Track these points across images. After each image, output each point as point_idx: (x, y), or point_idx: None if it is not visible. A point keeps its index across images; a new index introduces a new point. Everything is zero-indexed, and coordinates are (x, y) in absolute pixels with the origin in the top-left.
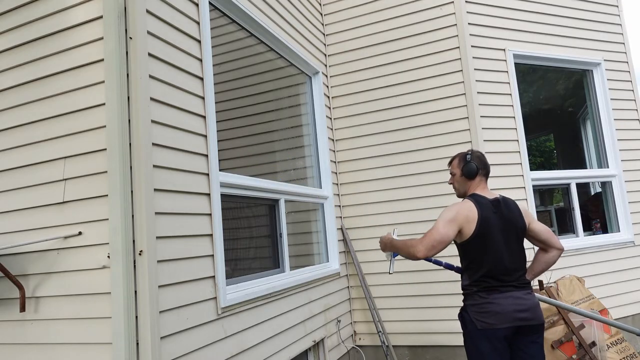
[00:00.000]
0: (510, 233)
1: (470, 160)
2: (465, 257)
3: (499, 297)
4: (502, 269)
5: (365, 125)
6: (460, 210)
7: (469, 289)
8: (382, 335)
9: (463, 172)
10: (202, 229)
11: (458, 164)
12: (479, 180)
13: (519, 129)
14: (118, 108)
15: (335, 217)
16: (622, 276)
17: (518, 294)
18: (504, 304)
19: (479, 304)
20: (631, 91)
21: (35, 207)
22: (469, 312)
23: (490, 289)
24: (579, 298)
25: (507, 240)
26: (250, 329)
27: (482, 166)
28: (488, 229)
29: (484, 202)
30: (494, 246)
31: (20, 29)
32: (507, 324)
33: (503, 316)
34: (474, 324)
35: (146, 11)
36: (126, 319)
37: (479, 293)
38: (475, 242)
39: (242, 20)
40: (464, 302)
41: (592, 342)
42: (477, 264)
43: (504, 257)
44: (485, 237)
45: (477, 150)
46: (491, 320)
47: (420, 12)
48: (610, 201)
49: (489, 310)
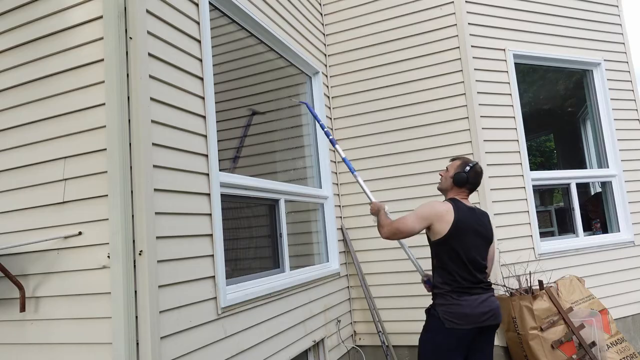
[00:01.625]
0: (481, 239)
1: (467, 172)
2: (438, 256)
3: (469, 300)
4: (472, 272)
5: (365, 125)
6: (437, 209)
7: (441, 288)
8: (382, 335)
9: (454, 177)
10: (202, 229)
11: (457, 167)
12: (462, 190)
13: (519, 129)
14: (118, 108)
15: (335, 217)
16: (622, 276)
17: (485, 297)
18: (473, 306)
19: (450, 304)
20: (631, 91)
21: (35, 207)
22: (438, 310)
23: (461, 291)
24: (579, 298)
25: (478, 245)
26: (250, 329)
27: (473, 182)
28: (462, 230)
29: (462, 207)
30: (466, 248)
31: (20, 29)
32: (473, 324)
33: (471, 318)
34: (441, 322)
35: (146, 11)
36: (126, 319)
37: (451, 294)
38: (449, 242)
39: (242, 20)
40: (434, 301)
41: (592, 342)
42: (450, 264)
43: (475, 260)
44: (458, 238)
45: (479, 166)
46: (460, 321)
47: (420, 12)
48: (610, 201)
49: (459, 311)
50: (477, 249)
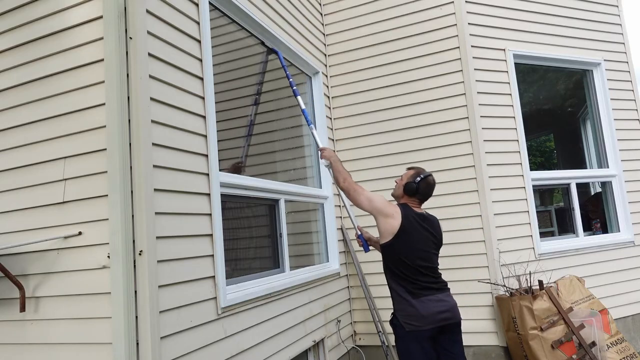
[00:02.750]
0: (430, 241)
1: (418, 182)
2: (389, 259)
3: (423, 301)
4: (422, 272)
5: (365, 125)
6: (385, 205)
7: (396, 290)
8: (382, 335)
9: (405, 186)
10: (202, 229)
11: (409, 176)
12: (413, 199)
13: (519, 129)
14: (118, 108)
15: (335, 217)
16: (622, 276)
17: (440, 296)
18: (428, 307)
19: (406, 307)
20: (631, 91)
21: (35, 207)
22: (398, 316)
23: (414, 293)
24: (578, 298)
25: (427, 246)
26: (250, 329)
27: (423, 192)
28: (409, 232)
29: (409, 211)
30: (414, 249)
31: (20, 29)
32: (431, 325)
33: (427, 318)
34: (402, 327)
35: (146, 11)
36: (126, 319)
37: (405, 297)
38: (396, 245)
39: (242, 20)
40: (394, 307)
41: (592, 342)
42: (400, 266)
43: (425, 260)
44: (405, 239)
45: (433, 178)
46: (417, 322)
47: (420, 12)
48: (610, 201)
49: (415, 313)
50: (426, 250)
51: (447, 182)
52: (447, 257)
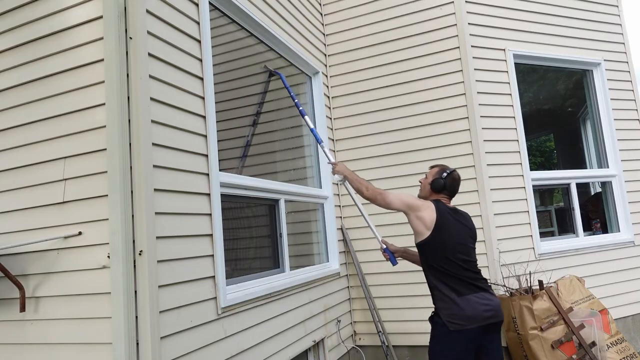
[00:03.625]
0: (467, 236)
1: (444, 178)
2: (427, 257)
3: (469, 299)
4: (465, 267)
5: (365, 125)
6: (417, 201)
7: (438, 288)
8: (382, 335)
9: (432, 183)
10: (202, 229)
11: (435, 173)
12: (441, 196)
13: (519, 129)
14: (118, 108)
15: (335, 217)
16: (622, 276)
17: (485, 295)
18: (474, 306)
19: (450, 306)
20: (631, 91)
21: (35, 207)
22: (441, 315)
23: (459, 291)
24: (579, 298)
25: (465, 239)
26: (250, 329)
27: (450, 188)
28: (447, 227)
29: (442, 206)
30: (453, 245)
31: (20, 29)
32: (477, 324)
33: (474, 317)
34: (446, 326)
35: (146, 11)
36: (126, 319)
37: (449, 295)
38: (435, 240)
39: (242, 20)
40: (436, 305)
41: (592, 342)
42: (440, 262)
43: (465, 254)
44: (443, 234)
45: (458, 173)
46: (464, 321)
47: (420, 12)
48: (610, 201)
49: (460, 312)
50: (464, 244)
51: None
52: None
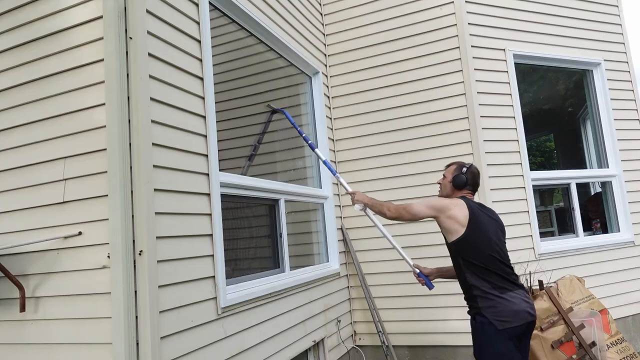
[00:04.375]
0: (499, 231)
1: (465, 173)
2: (463, 256)
3: (513, 296)
4: (502, 266)
5: (366, 125)
6: (445, 202)
7: (479, 287)
8: (382, 335)
9: (453, 180)
10: (202, 229)
11: (453, 170)
12: (464, 192)
13: (519, 129)
14: (118, 108)
15: (335, 217)
16: (622, 276)
17: (523, 293)
18: (519, 302)
19: (496, 304)
20: (631, 91)
21: (35, 207)
22: (486, 314)
23: (502, 287)
24: (579, 298)
25: (498, 236)
26: (250, 329)
27: (472, 182)
28: (479, 225)
29: (471, 202)
30: (489, 241)
31: (20, 29)
32: (522, 321)
33: (521, 314)
34: (493, 325)
35: (146, 11)
36: (126, 319)
37: (493, 292)
38: (470, 236)
39: (242, 20)
40: (477, 305)
41: (592, 342)
42: (478, 259)
43: (500, 254)
44: (478, 230)
45: (476, 167)
46: (510, 318)
47: (420, 12)
48: (610, 201)
49: (507, 309)
50: (499, 240)
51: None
52: (447, 257)
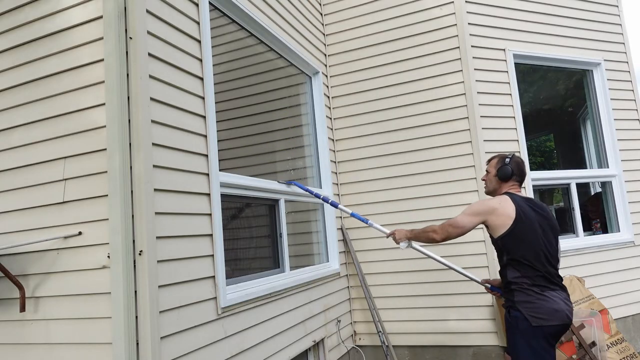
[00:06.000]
0: (548, 229)
1: (508, 164)
2: (507, 251)
3: (554, 295)
4: (549, 261)
5: (365, 125)
6: (488, 204)
7: (518, 282)
8: (382, 335)
9: (498, 173)
10: (202, 229)
11: (496, 163)
12: (511, 184)
13: (519, 129)
14: (118, 108)
15: (335, 217)
16: (622, 276)
17: (565, 294)
18: (559, 302)
19: (533, 300)
20: (631, 91)
21: (35, 207)
22: (521, 308)
23: (543, 286)
24: (578, 298)
25: (546, 235)
26: (250, 329)
27: (518, 172)
28: (527, 218)
29: (519, 198)
30: (536, 238)
31: (20, 29)
32: (560, 321)
33: (559, 314)
34: (527, 321)
35: (146, 11)
36: (126, 319)
37: (532, 288)
38: (516, 232)
39: (242, 20)
40: (513, 299)
41: (592, 342)
42: (523, 255)
43: (547, 252)
44: (524, 226)
45: (519, 156)
46: (547, 316)
47: (420, 12)
48: (610, 201)
49: (545, 307)
50: (547, 237)
51: (447, 182)
52: (447, 257)
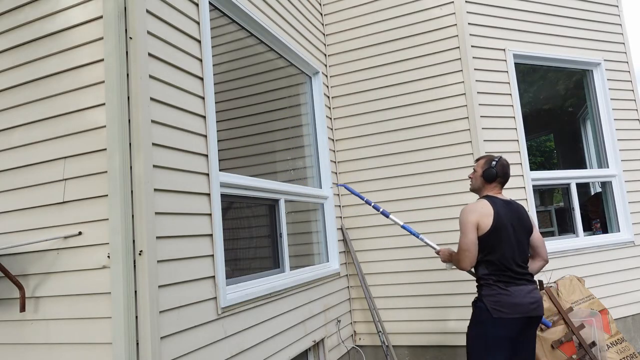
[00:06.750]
0: (521, 231)
1: (494, 167)
2: (481, 250)
3: (516, 290)
4: (515, 263)
5: (365, 125)
6: (473, 210)
7: (486, 279)
8: (382, 335)
9: (483, 174)
10: (202, 229)
11: (483, 164)
12: (494, 185)
13: (519, 129)
14: (118, 108)
15: (335, 217)
16: (622, 276)
17: (530, 288)
18: (520, 296)
19: (497, 294)
20: (631, 91)
21: (35, 207)
22: (485, 301)
23: (507, 281)
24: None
25: (519, 236)
26: (250, 329)
27: (502, 175)
28: (503, 224)
29: (498, 202)
30: (508, 240)
31: (20, 29)
32: (521, 314)
33: (519, 307)
34: (489, 312)
35: (146, 11)
36: (126, 319)
37: (498, 284)
38: (491, 236)
39: (242, 20)
40: (480, 292)
41: (592, 342)
42: (493, 255)
43: (517, 251)
44: (500, 231)
45: (505, 159)
46: (508, 309)
47: (420, 12)
48: (610, 201)
49: (507, 301)
50: (519, 240)
51: (447, 182)
52: None
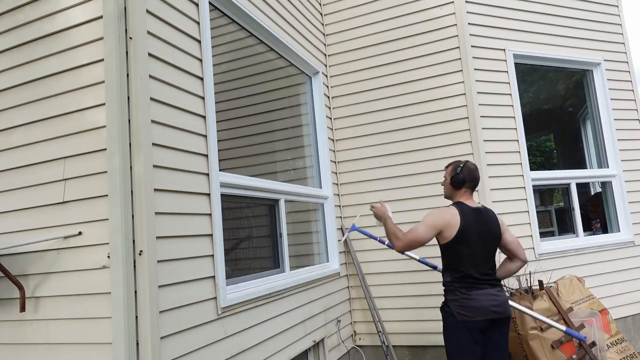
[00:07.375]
0: (487, 239)
1: (460, 172)
2: (446, 257)
3: (477, 294)
4: (478, 269)
5: (365, 125)
6: (443, 216)
7: (450, 285)
8: (382, 335)
9: (451, 181)
10: (202, 229)
11: (450, 171)
12: (464, 191)
13: (519, 129)
14: (118, 108)
15: (335, 217)
16: (622, 276)
17: (492, 291)
18: (481, 300)
19: (460, 299)
20: (631, 91)
21: (35, 207)
22: (450, 306)
23: (469, 286)
24: (578, 298)
25: (484, 244)
26: (250, 329)
27: (470, 179)
28: (468, 234)
29: (467, 210)
30: (472, 249)
31: (20, 29)
32: (483, 316)
33: (480, 310)
34: (454, 316)
35: (146, 11)
36: (126, 319)
37: (460, 289)
38: (456, 244)
39: (242, 20)
40: (445, 297)
41: (592, 342)
42: (458, 263)
43: (481, 259)
44: (465, 240)
45: (471, 163)
46: (470, 313)
47: (420, 12)
48: (610, 201)
49: (468, 305)
50: (484, 248)
51: None
52: None
